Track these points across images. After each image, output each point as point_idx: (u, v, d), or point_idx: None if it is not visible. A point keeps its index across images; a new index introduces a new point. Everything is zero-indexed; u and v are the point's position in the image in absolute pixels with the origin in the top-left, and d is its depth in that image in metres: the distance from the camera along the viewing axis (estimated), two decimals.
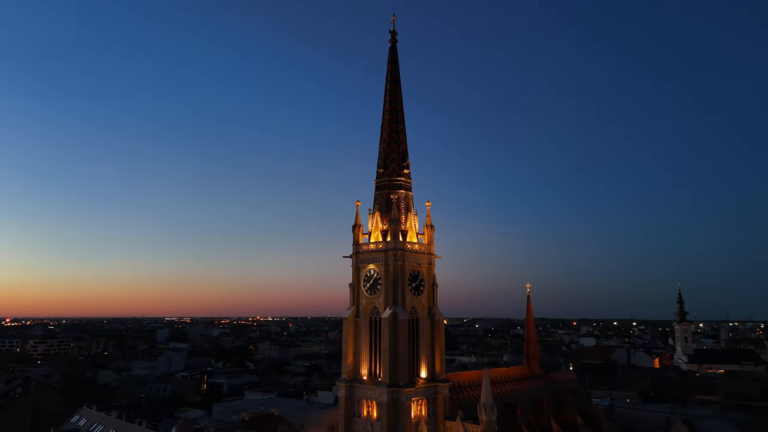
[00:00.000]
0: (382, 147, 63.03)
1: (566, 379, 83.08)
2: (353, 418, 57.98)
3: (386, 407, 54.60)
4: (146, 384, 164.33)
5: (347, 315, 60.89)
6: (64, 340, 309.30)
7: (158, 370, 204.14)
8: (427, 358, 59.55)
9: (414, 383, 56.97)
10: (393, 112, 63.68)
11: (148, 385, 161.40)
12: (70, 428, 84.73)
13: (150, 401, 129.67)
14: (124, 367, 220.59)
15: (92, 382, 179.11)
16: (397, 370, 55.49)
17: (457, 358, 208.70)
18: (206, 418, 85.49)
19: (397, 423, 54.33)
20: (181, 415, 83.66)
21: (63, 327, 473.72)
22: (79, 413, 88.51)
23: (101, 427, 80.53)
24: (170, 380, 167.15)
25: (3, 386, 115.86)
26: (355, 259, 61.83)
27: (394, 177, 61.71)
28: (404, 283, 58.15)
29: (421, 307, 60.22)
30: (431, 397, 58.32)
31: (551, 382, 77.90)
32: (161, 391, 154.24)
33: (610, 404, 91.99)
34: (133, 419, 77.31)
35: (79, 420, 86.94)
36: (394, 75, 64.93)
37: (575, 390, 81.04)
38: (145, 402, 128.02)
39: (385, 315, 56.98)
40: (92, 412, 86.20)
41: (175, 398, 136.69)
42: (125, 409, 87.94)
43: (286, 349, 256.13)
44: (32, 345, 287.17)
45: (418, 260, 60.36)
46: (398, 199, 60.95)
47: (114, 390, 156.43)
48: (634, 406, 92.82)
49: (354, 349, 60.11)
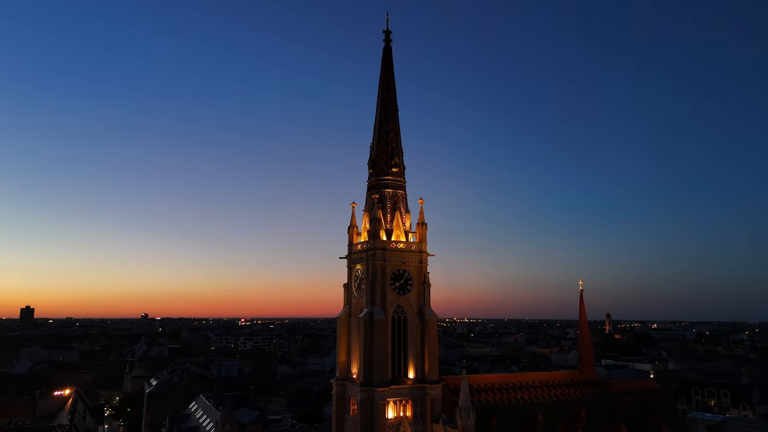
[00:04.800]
0: (372, 147, 63.42)
1: (639, 389, 72.58)
2: (344, 416, 59.29)
3: (359, 406, 55.09)
4: (306, 378, 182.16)
5: (341, 315, 62.45)
6: (267, 337, 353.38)
7: (327, 366, 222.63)
8: (415, 359, 58.28)
9: (396, 383, 56.35)
10: (383, 112, 63.69)
11: (308, 380, 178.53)
12: (185, 412, 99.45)
13: (299, 394, 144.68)
14: (301, 362, 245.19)
15: (272, 375, 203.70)
16: (373, 369, 55.47)
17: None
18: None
19: (371, 422, 54.40)
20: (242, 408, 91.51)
21: (280, 327, 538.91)
22: (197, 401, 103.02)
23: (201, 412, 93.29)
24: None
25: (167, 375, 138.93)
26: (348, 259, 63.14)
27: (382, 176, 61.66)
28: (384, 283, 57.83)
29: (409, 306, 59.15)
30: (419, 398, 56.96)
31: (611, 391, 69.13)
32: (316, 385, 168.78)
33: (721, 421, 77.56)
34: (228, 407, 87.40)
35: (194, 406, 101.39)
36: (386, 74, 64.88)
37: (650, 401, 70.53)
38: (287, 395, 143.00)
39: (361, 315, 57.45)
40: (203, 400, 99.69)
41: (325, 393, 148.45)
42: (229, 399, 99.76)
43: (450, 350, 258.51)
44: (242, 341, 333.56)
45: (403, 259, 59.39)
46: (381, 198, 60.74)
47: (278, 382, 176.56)
48: (755, 426, 76.92)
49: (347, 348, 61.40)
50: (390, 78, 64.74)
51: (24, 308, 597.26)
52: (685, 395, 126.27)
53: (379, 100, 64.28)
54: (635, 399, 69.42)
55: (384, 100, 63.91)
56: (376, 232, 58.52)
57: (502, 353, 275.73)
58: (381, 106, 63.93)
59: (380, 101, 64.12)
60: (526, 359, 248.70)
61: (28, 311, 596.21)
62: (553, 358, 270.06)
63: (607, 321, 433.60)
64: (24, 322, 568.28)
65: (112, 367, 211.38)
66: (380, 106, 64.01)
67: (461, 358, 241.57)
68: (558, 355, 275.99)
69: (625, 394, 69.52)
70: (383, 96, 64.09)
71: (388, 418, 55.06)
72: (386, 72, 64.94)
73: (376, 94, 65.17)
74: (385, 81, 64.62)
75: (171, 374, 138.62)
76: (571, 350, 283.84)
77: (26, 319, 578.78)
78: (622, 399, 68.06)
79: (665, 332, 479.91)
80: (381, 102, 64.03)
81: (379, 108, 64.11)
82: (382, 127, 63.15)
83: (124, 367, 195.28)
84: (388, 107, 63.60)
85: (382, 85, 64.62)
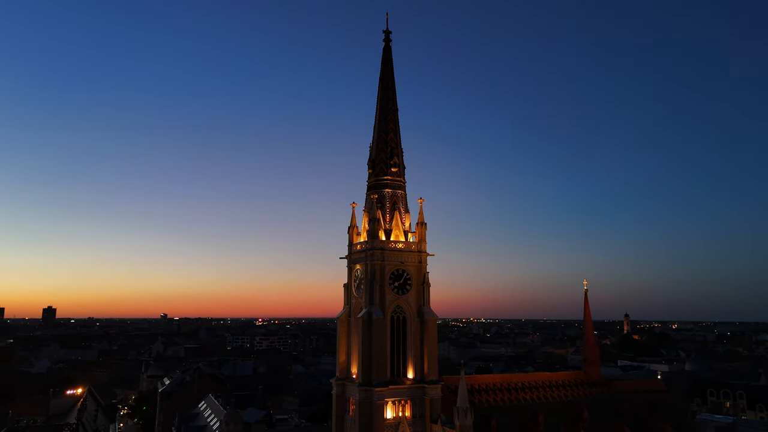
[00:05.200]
0: (372, 147, 63.44)
1: (645, 390, 71.56)
2: (344, 416, 59.39)
3: (358, 406, 55.17)
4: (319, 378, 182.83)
5: (340, 315, 62.60)
6: (283, 337, 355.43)
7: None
8: (415, 359, 58.20)
9: (395, 383, 56.34)
10: (383, 112, 63.67)
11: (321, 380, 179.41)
12: (194, 412, 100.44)
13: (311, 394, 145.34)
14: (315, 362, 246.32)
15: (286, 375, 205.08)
16: (371, 369, 55.51)
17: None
18: None
19: (369, 422, 54.42)
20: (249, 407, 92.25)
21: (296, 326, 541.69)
22: (206, 400, 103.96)
23: (209, 411, 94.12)
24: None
25: (179, 374, 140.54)
26: (348, 259, 63.25)
27: (381, 177, 61.65)
28: (383, 283, 57.84)
29: (408, 306, 59.08)
30: (418, 398, 56.87)
31: (615, 391, 68.30)
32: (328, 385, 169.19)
33: (732, 423, 76.16)
34: (234, 406, 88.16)
35: (202, 405, 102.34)
36: (386, 74, 64.84)
37: (656, 402, 69.52)
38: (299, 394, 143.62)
39: (359, 315, 57.52)
40: (211, 399, 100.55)
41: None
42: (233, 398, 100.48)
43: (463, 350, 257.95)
44: (258, 341, 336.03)
45: (402, 259, 59.33)
46: (380, 198, 60.72)
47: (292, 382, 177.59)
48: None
49: (347, 348, 61.52)
50: (390, 78, 64.67)
51: (46, 308, 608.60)
52: (700, 396, 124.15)
53: (379, 100, 64.28)
54: (641, 400, 68.42)
55: (383, 100, 63.89)
56: (375, 232, 58.55)
57: (517, 354, 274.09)
58: (380, 106, 63.92)
59: (380, 101, 64.12)
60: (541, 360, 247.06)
61: (50, 311, 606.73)
62: (568, 359, 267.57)
63: (625, 321, 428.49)
64: (46, 322, 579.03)
65: (129, 366, 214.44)
66: (380, 106, 64.01)
67: (475, 359, 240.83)
68: (573, 356, 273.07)
69: (630, 395, 68.57)
70: (383, 96, 64.07)
71: (386, 418, 55.08)
72: (386, 72, 64.88)
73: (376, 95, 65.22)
74: (384, 81, 64.57)
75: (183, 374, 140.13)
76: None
77: (48, 320, 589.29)
78: (626, 400, 67.16)
79: (685, 333, 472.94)
80: (380, 102, 64.03)
81: (378, 108, 64.12)
82: (382, 127, 63.14)
83: (140, 367, 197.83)
84: (387, 107, 63.56)
85: (382, 85, 64.58)
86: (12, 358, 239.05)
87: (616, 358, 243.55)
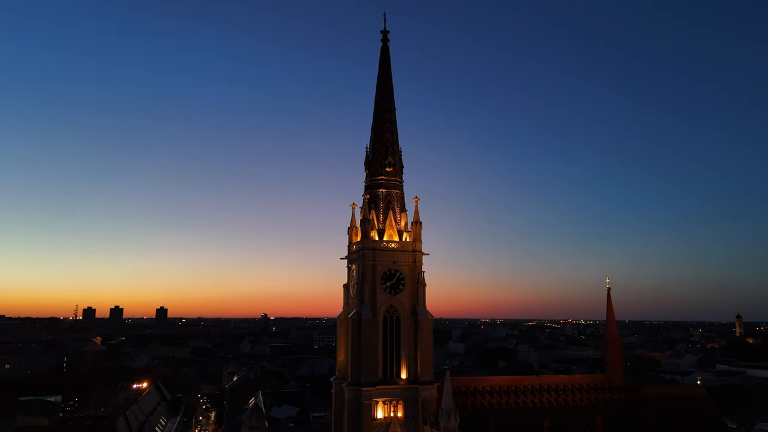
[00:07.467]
0: (368, 147, 63.49)
1: (679, 396, 65.66)
2: (342, 414, 59.78)
3: (347, 405, 55.49)
4: None
5: (340, 315, 63.12)
6: None
7: None
8: (408, 359, 57.57)
9: (387, 383, 56.10)
10: (379, 111, 63.57)
11: None
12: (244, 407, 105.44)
13: None
14: None
15: None
16: (360, 369, 55.61)
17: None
18: None
19: (358, 421, 54.56)
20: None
21: None
22: (255, 397, 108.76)
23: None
24: None
25: (246, 372, 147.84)
26: (348, 260, 63.69)
27: (376, 177, 61.58)
28: (374, 282, 57.75)
29: (401, 306, 58.52)
30: (411, 399, 56.21)
31: (642, 397, 63.40)
32: None
33: None
34: (256, 403, 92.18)
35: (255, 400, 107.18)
36: (383, 74, 64.66)
37: (692, 411, 63.75)
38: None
39: (350, 314, 57.78)
40: (258, 396, 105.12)
41: None
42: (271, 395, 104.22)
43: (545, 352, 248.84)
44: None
45: (395, 258, 58.86)
46: (373, 198, 60.63)
47: None
48: None
49: (345, 348, 61.89)
50: (387, 78, 64.41)
51: (158, 308, 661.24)
52: None
53: (376, 100, 64.22)
54: (673, 408, 63.19)
55: (380, 100, 63.76)
56: (366, 233, 58.63)
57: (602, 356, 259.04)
58: (377, 106, 63.84)
59: (377, 101, 64.05)
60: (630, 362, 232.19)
61: (162, 311, 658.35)
62: (664, 363, 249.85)
63: (737, 323, 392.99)
64: (158, 321, 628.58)
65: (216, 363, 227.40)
66: (377, 106, 63.95)
67: (556, 361, 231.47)
68: (669, 359, 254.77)
69: (660, 402, 63.49)
70: (380, 96, 63.95)
71: (376, 418, 54.97)
72: (383, 72, 64.69)
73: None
74: (382, 81, 64.41)
75: (249, 371, 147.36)
76: (685, 354, 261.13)
77: (160, 319, 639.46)
78: (655, 407, 62.25)
79: None
80: (377, 102, 63.95)
81: (375, 108, 64.08)
82: (378, 127, 63.04)
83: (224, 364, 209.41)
84: (383, 107, 63.38)
85: (379, 85, 64.45)
86: (120, 354, 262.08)
87: (715, 363, 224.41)
